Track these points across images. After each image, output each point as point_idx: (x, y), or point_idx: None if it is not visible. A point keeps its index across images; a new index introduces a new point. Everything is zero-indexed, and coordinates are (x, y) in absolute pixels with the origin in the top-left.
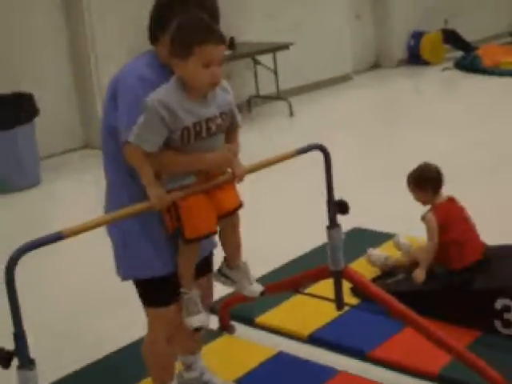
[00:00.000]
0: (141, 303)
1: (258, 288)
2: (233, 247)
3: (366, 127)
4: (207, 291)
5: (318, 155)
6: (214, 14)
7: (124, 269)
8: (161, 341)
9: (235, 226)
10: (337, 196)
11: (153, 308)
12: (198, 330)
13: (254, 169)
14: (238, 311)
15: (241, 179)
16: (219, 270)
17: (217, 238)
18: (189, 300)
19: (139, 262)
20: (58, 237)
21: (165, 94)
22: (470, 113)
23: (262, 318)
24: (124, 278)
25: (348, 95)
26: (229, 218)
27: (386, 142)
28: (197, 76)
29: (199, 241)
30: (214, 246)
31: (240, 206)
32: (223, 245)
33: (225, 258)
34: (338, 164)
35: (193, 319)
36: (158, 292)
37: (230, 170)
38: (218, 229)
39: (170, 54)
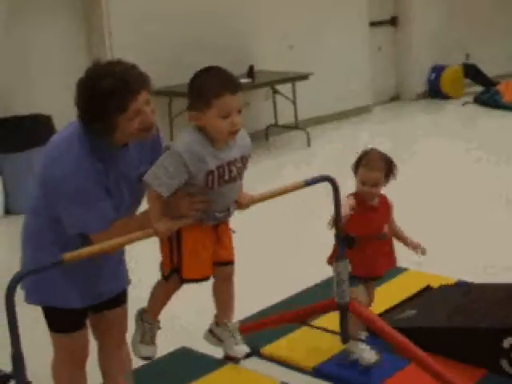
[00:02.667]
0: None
1: (243, 349)
2: (224, 303)
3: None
4: (121, 322)
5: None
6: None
7: (33, 293)
8: (63, 366)
9: (228, 281)
10: None
11: (55, 333)
12: (144, 358)
13: (260, 199)
14: (244, 341)
15: (245, 207)
16: (210, 330)
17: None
18: (149, 329)
19: (51, 291)
20: (59, 262)
21: (190, 141)
22: (488, 149)
23: (267, 349)
24: (31, 302)
25: (366, 127)
26: (223, 268)
27: (402, 176)
28: (217, 127)
29: (194, 282)
30: (128, 283)
31: (232, 261)
32: (215, 300)
33: (215, 315)
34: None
35: (143, 348)
36: (61, 320)
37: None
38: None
39: (188, 107)
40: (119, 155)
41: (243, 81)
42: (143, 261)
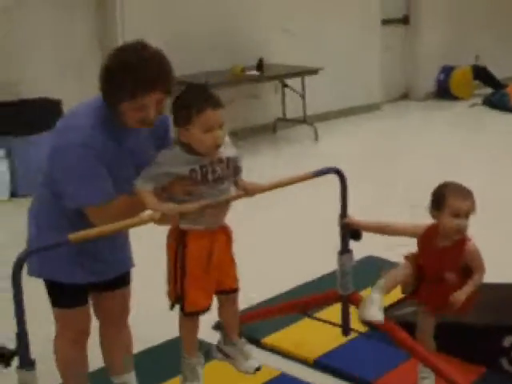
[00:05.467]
0: None
1: (253, 364)
2: (230, 325)
3: (389, 157)
4: (122, 304)
5: (337, 181)
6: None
7: (35, 265)
8: (65, 341)
9: (233, 305)
10: None
11: (57, 308)
12: None
13: (268, 188)
14: (245, 330)
15: (252, 195)
16: (217, 346)
17: (135, 258)
18: (187, 366)
19: (54, 265)
20: (65, 242)
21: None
22: (495, 150)
23: (268, 339)
24: (32, 273)
25: (375, 124)
26: (227, 297)
27: (409, 174)
28: (201, 141)
29: (197, 315)
30: (132, 265)
31: (237, 289)
32: (221, 320)
33: (223, 334)
34: (358, 191)
35: None
36: (63, 295)
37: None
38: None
39: (173, 123)
40: (131, 134)
41: (252, 73)
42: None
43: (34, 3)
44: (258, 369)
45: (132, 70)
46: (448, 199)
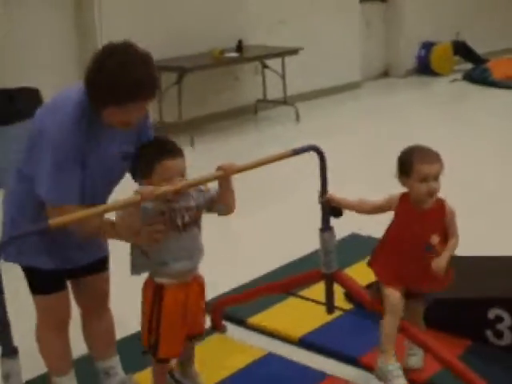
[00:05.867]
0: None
1: None
2: (189, 359)
3: (371, 136)
4: (102, 289)
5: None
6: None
7: (12, 251)
8: (46, 329)
9: (193, 349)
10: None
11: (36, 295)
12: None
13: (247, 167)
14: (231, 311)
15: (229, 174)
16: (171, 375)
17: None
18: None
19: (29, 250)
20: (44, 228)
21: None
22: (476, 126)
23: (253, 319)
24: (9, 259)
25: (355, 103)
26: (194, 340)
27: (390, 152)
28: (161, 188)
29: (168, 362)
30: (107, 251)
31: (203, 333)
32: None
33: (180, 363)
34: (340, 170)
35: None
36: (41, 281)
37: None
38: None
39: (138, 175)
40: (106, 128)
41: (232, 55)
42: None
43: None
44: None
45: (119, 76)
46: (415, 165)
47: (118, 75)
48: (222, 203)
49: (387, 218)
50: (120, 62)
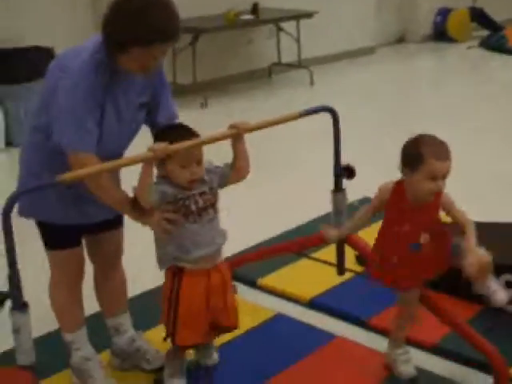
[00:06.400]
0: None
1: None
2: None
3: (385, 101)
4: (116, 245)
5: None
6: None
7: (28, 207)
8: (59, 285)
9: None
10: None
11: (51, 251)
12: None
13: (259, 126)
14: (241, 272)
15: (242, 133)
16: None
17: None
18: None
19: (45, 206)
20: (54, 183)
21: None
22: (493, 92)
23: (264, 280)
24: (25, 215)
25: (370, 68)
26: (223, 333)
27: (405, 117)
28: (177, 176)
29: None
30: None
31: (236, 328)
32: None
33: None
34: (354, 134)
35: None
36: (56, 236)
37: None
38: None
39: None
40: (124, 78)
41: (247, 17)
42: None
43: None
44: None
45: (144, 15)
46: (426, 160)
47: (143, 14)
48: (234, 168)
49: None
50: (142, 3)
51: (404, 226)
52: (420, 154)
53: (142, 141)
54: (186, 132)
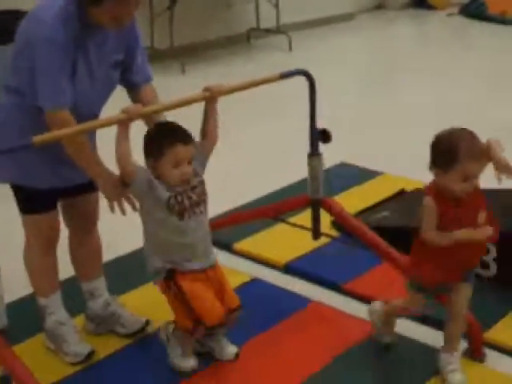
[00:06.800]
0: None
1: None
2: None
3: (364, 68)
4: (91, 209)
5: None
6: None
7: (4, 171)
8: (34, 249)
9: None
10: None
11: (26, 215)
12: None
13: (235, 89)
14: (217, 236)
15: (217, 95)
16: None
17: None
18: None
19: (21, 169)
20: (27, 145)
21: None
22: (473, 59)
23: (240, 245)
24: (1, 180)
25: (349, 34)
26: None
27: (383, 84)
28: (169, 175)
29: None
30: None
31: (239, 305)
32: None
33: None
34: (332, 100)
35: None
36: (31, 199)
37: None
38: None
39: (144, 155)
40: (97, 32)
41: None
42: None
43: None
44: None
45: None
46: (462, 161)
47: None
48: (205, 135)
49: (379, 148)
50: None
51: (463, 221)
52: (455, 154)
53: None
54: (182, 133)
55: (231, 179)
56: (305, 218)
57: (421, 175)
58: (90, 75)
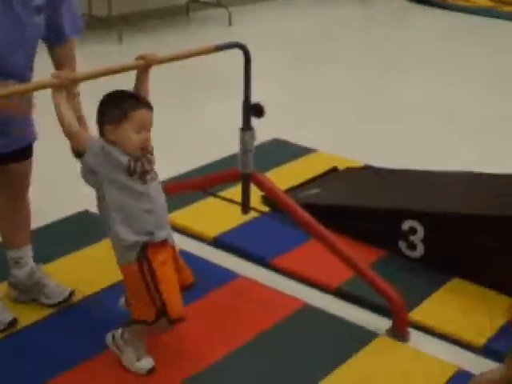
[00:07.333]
0: None
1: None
2: None
3: (304, 45)
4: (23, 177)
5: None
6: None
7: None
8: None
9: None
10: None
11: None
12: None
13: (170, 58)
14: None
15: (151, 64)
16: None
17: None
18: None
19: None
20: None
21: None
22: (420, 46)
23: (169, 217)
24: None
25: (291, 12)
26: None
27: (322, 62)
28: (129, 142)
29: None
30: (34, 138)
31: (192, 281)
32: None
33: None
34: (270, 76)
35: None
36: None
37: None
38: None
39: (99, 121)
40: None
41: None
42: None
43: None
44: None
45: None
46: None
47: None
48: None
49: (314, 124)
50: None
51: None
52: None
53: None
54: (144, 99)
55: (163, 151)
56: (235, 192)
57: (358, 155)
58: (9, 21)
